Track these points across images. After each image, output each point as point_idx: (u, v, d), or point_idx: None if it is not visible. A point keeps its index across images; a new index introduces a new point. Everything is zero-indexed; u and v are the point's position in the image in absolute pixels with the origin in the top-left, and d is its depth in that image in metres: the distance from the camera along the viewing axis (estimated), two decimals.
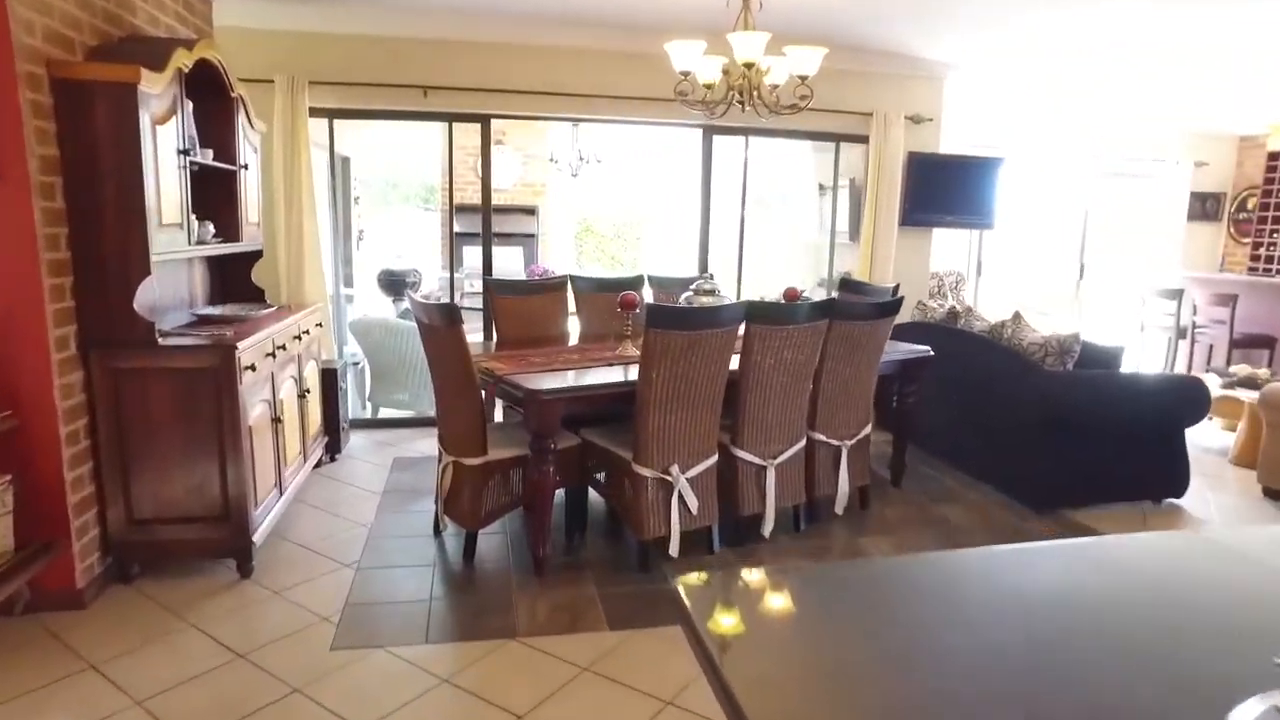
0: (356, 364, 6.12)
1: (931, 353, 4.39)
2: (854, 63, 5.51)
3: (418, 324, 3.49)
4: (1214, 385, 5.69)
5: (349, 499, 4.19)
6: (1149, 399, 4.30)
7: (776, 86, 3.44)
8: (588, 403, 3.33)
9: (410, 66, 5.03)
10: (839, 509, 4.05)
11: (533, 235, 9.56)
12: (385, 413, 5.90)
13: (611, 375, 3.48)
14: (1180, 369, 7.20)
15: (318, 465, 4.54)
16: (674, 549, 3.41)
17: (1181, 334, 7.02)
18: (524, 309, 4.42)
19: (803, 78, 3.32)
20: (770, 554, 3.65)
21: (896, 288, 4.86)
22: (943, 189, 5.93)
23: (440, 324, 3.26)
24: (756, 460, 3.62)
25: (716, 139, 5.68)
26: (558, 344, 4.20)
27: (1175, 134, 8.75)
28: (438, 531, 3.75)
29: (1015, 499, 4.38)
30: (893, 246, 5.82)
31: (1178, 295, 7.02)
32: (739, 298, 5.58)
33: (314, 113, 4.87)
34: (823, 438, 3.89)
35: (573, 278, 4.67)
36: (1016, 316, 4.61)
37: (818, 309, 3.57)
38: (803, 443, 3.79)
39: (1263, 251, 8.56)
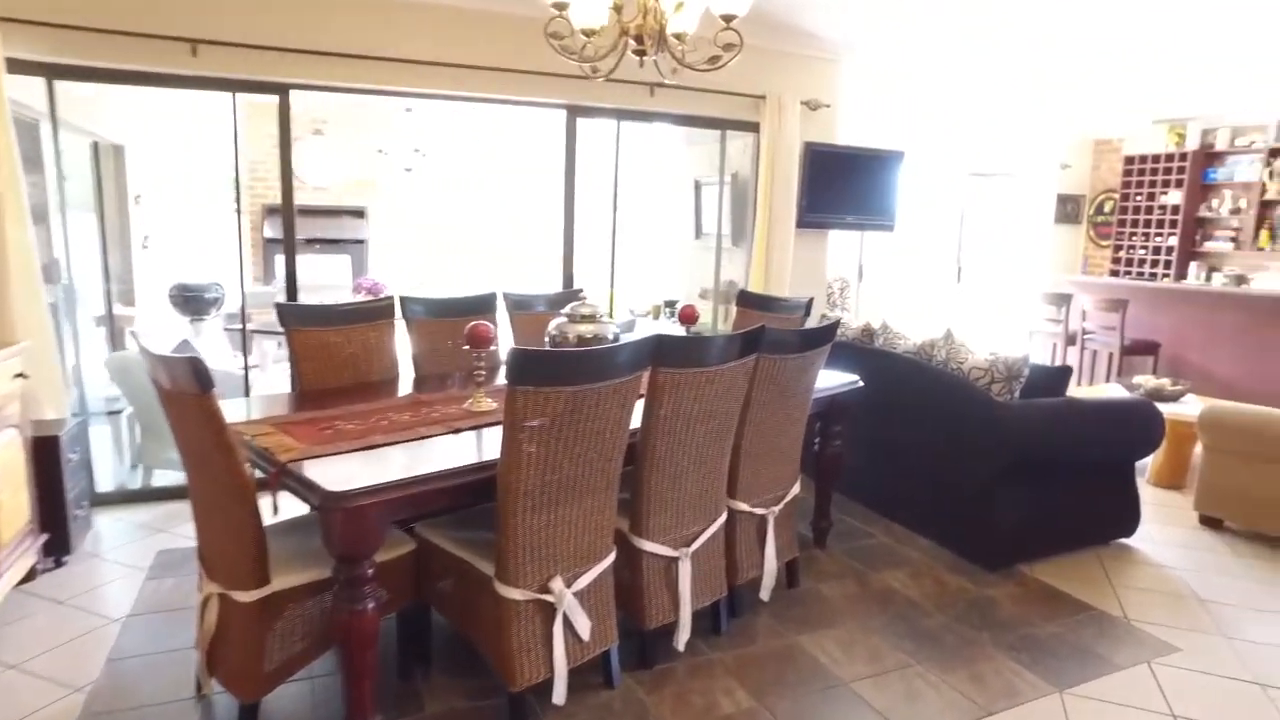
0: (117, 412, 4.65)
1: (861, 383, 3.58)
2: (744, 34, 4.66)
3: (155, 386, 2.24)
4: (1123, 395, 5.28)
5: (68, 635, 2.83)
6: (1109, 430, 3.70)
7: (681, 38, 2.47)
8: (424, 501, 2.21)
9: (171, 10, 3.69)
10: (765, 594, 3.15)
11: (362, 241, 8.19)
12: (162, 477, 4.46)
13: (459, 452, 2.38)
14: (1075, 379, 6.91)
15: (26, 579, 3.13)
16: (559, 694, 2.37)
17: (1070, 340, 6.72)
18: (334, 345, 3.21)
19: (728, 19, 2.36)
20: (689, 675, 2.68)
21: (810, 302, 4.04)
22: (842, 186, 5.22)
23: (185, 387, 2.05)
24: (666, 552, 2.64)
25: (583, 122, 4.67)
26: (381, 396, 3.04)
27: (1042, 135, 8.62)
28: (201, 693, 2.49)
29: (964, 555, 3.64)
30: (790, 251, 5.03)
31: (1065, 301, 6.72)
32: (613, 316, 4.59)
33: (16, 67, 3.43)
34: (745, 507, 2.97)
35: (404, 299, 3.50)
36: (949, 336, 3.89)
37: (745, 342, 2.63)
38: (723, 518, 2.85)
39: (1123, 254, 8.56)
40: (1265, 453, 3.96)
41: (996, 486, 3.43)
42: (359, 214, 8.20)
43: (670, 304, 6.17)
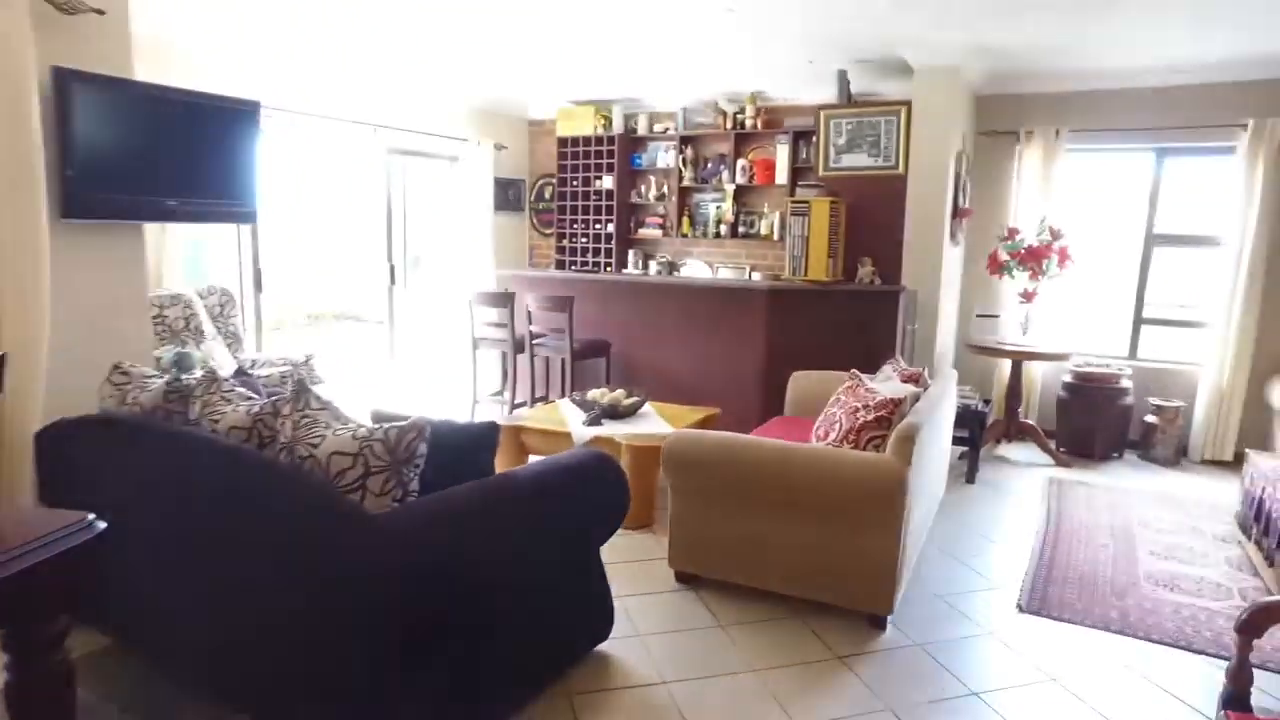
0: None
1: (101, 524, 1.71)
2: None
3: None
4: (579, 426, 4.33)
5: None
6: (558, 515, 2.43)
7: None
8: None
9: None
10: None
11: None
12: None
13: None
14: (526, 398, 5.93)
15: None
16: None
17: (519, 348, 5.74)
18: None
19: None
20: None
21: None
22: (155, 150, 3.20)
23: None
24: None
25: None
26: None
27: (470, 110, 7.60)
28: None
29: None
30: (41, 262, 2.85)
31: (508, 301, 5.70)
32: None
33: None
34: None
35: None
36: (300, 391, 2.24)
37: None
38: None
39: (566, 244, 8.07)
40: (727, 489, 3.19)
41: (387, 674, 1.90)
42: None
43: None
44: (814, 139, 6.04)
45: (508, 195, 8.16)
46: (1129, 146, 5.81)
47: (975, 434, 4.98)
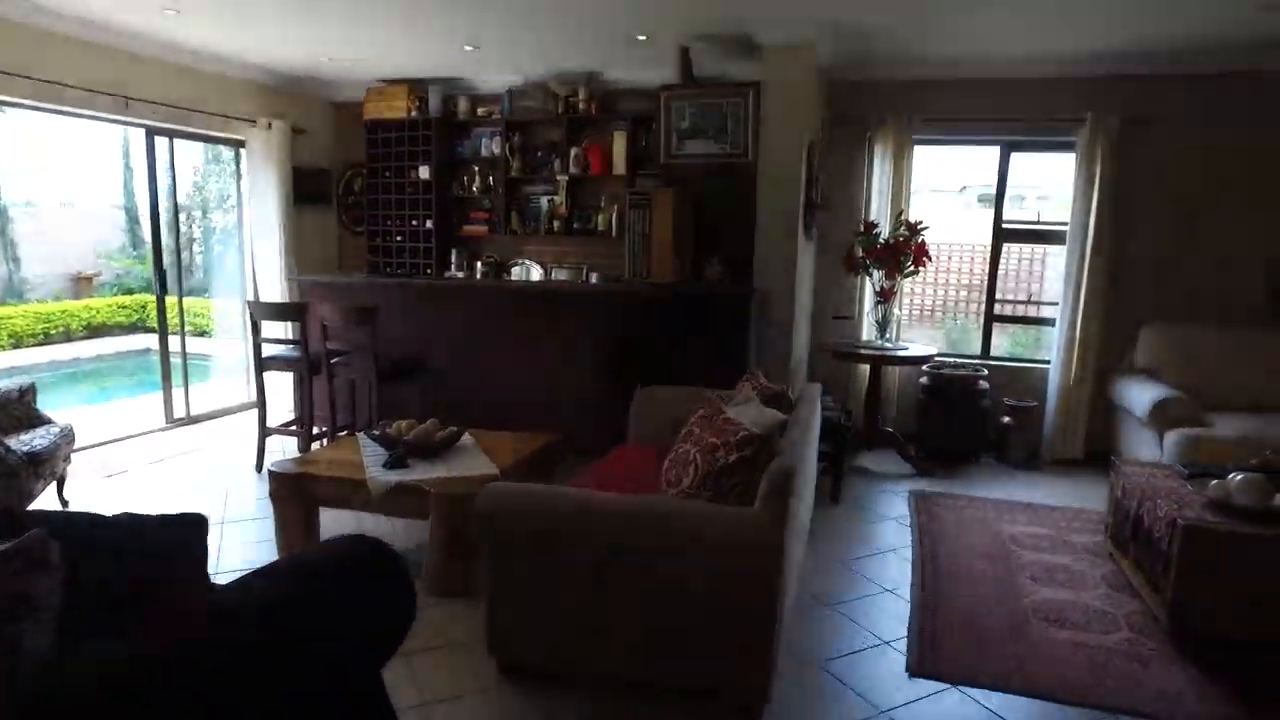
0: None
1: None
2: None
3: None
4: (378, 470, 3.47)
5: None
6: (318, 646, 1.62)
7: None
8: None
9: None
10: None
11: None
12: None
13: None
14: (327, 428, 4.94)
15: None
16: None
17: (314, 369, 4.75)
18: None
19: None
20: None
21: None
22: None
23: None
24: None
25: None
26: None
27: (258, 86, 6.45)
28: None
29: None
30: None
31: (300, 313, 4.70)
32: None
33: None
34: None
35: None
36: None
37: None
38: None
39: (380, 244, 7.06)
40: (560, 556, 2.47)
41: None
42: None
43: None
44: (655, 125, 5.43)
45: (312, 188, 7.05)
46: (977, 138, 5.59)
47: (840, 449, 4.53)
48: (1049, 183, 5.58)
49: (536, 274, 6.68)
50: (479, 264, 6.73)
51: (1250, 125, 5.07)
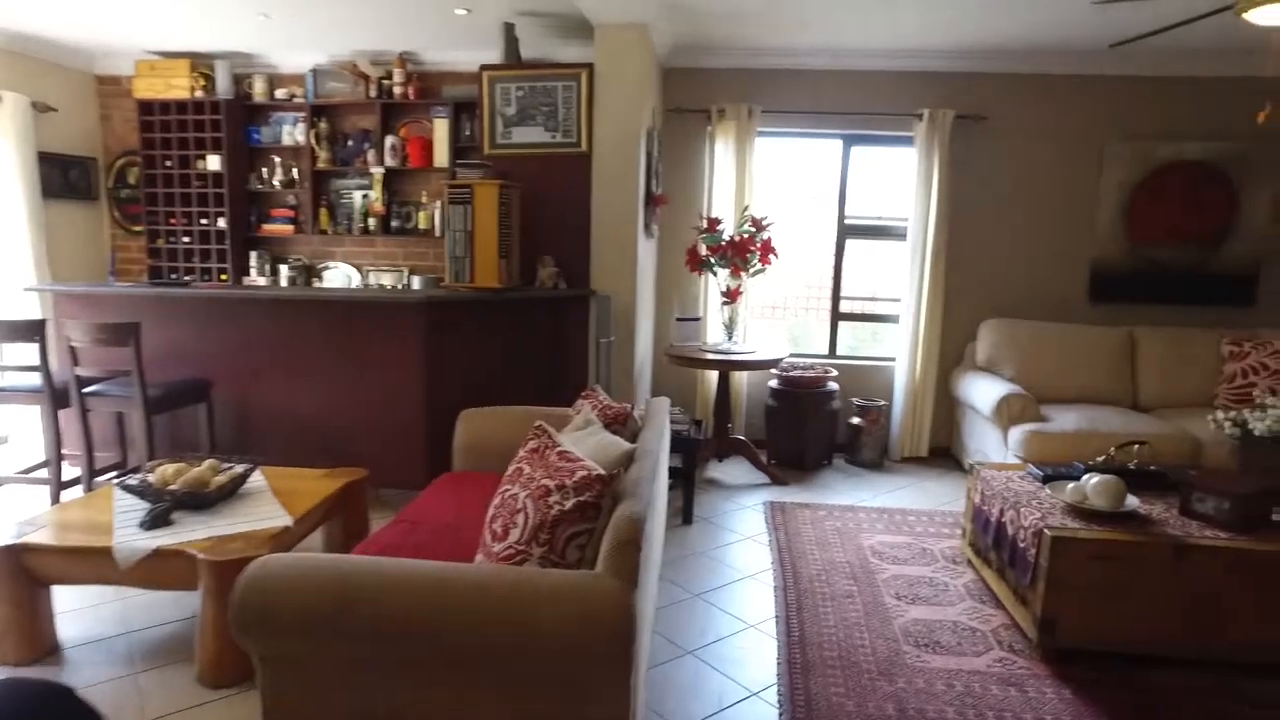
0: None
1: None
2: None
3: None
4: (130, 532, 2.74)
5: None
6: None
7: None
8: None
9: None
10: None
11: None
12: None
13: None
14: (82, 472, 4.02)
15: None
16: None
17: (59, 401, 3.84)
18: None
19: None
20: None
21: None
22: None
23: None
24: None
25: None
26: None
27: None
28: None
29: None
30: None
31: (34, 332, 3.78)
32: None
33: None
34: None
35: None
36: None
37: None
38: None
39: (163, 245, 6.05)
40: (353, 651, 1.91)
41: None
42: None
43: None
44: (478, 110, 4.87)
45: (68, 178, 5.94)
46: (819, 132, 5.41)
47: (690, 464, 4.17)
48: (892, 178, 5.49)
49: (353, 279, 5.93)
50: (284, 267, 5.89)
51: (1075, 125, 5.17)
